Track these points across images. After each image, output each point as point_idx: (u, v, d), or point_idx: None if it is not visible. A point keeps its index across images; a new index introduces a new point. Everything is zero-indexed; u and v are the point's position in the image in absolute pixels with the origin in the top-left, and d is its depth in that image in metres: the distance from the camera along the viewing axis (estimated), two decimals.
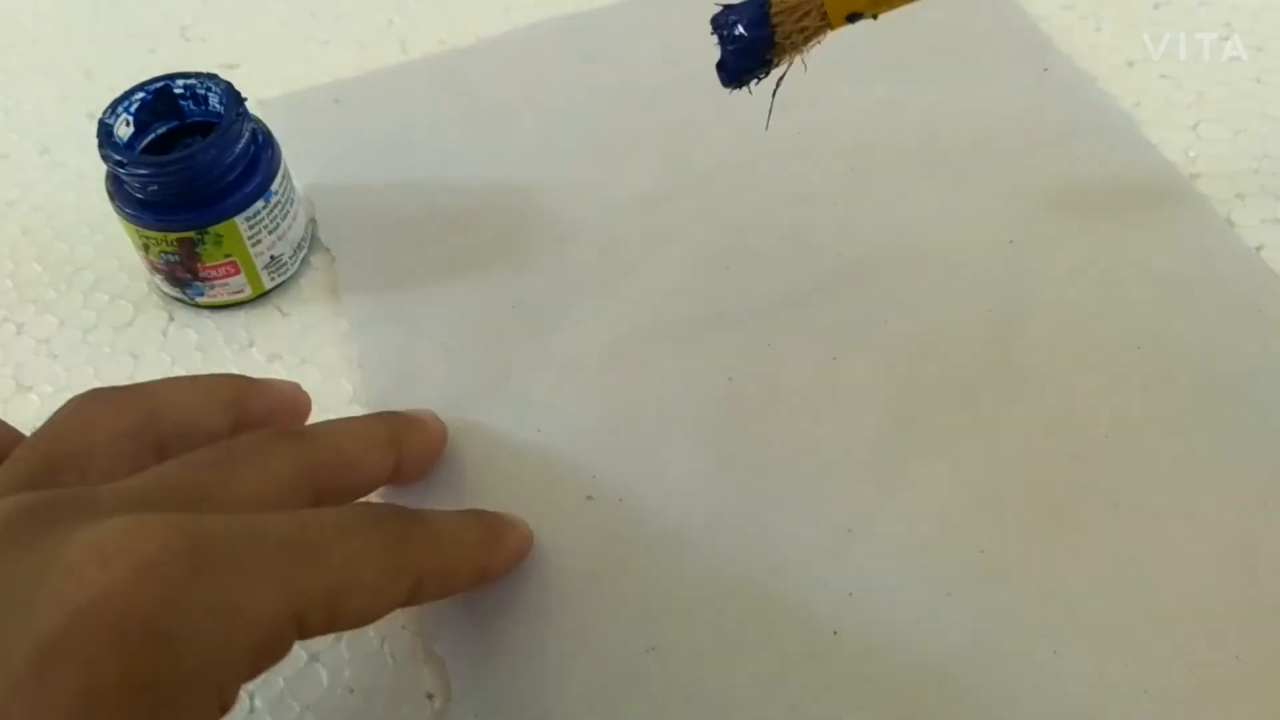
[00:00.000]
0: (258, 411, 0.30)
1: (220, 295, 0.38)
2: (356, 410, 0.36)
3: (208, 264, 0.37)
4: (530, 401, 0.35)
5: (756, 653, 0.30)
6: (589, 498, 0.33)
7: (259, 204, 0.36)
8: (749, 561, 0.32)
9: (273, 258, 0.38)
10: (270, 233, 0.37)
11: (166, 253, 0.36)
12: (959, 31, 0.45)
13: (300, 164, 0.42)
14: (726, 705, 0.29)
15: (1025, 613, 0.30)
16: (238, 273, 0.37)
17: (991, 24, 0.46)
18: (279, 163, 0.37)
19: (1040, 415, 0.34)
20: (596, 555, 0.32)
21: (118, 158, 0.35)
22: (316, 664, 0.30)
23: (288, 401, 0.32)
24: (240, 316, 0.39)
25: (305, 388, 0.36)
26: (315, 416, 0.36)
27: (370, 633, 0.31)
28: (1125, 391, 0.34)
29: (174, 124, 0.38)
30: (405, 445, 0.31)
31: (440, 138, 0.44)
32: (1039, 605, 0.30)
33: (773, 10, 0.29)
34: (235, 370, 0.37)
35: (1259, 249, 0.37)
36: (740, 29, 0.29)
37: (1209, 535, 0.31)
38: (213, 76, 0.37)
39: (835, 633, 0.30)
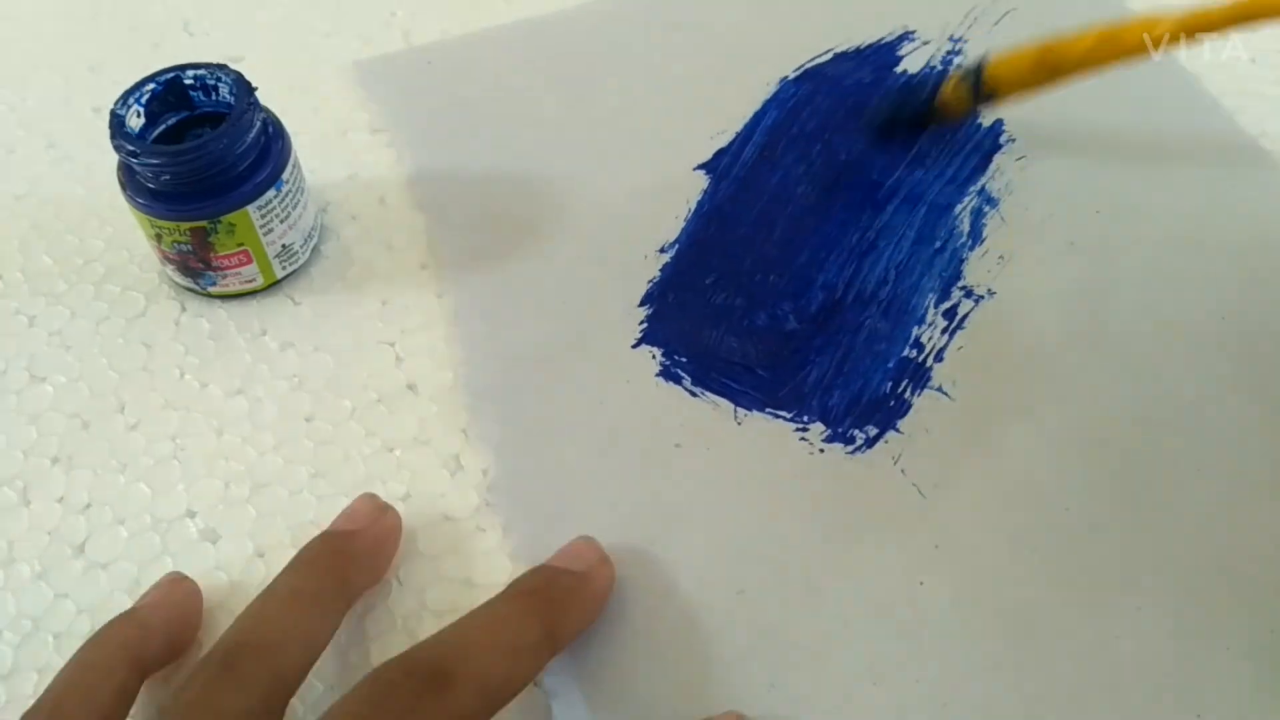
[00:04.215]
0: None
1: (232, 284, 0.38)
2: (371, 396, 0.36)
3: (220, 253, 0.37)
4: (617, 356, 0.37)
5: (842, 598, 0.31)
6: (677, 445, 0.34)
7: (270, 193, 0.37)
8: (836, 511, 0.33)
9: (284, 246, 0.38)
10: (282, 221, 0.38)
11: (179, 242, 0.37)
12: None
13: (395, 124, 0.44)
14: (811, 649, 0.30)
15: (1109, 570, 0.31)
16: (250, 262, 0.38)
17: None
18: (289, 152, 0.38)
19: (1125, 380, 0.35)
20: (685, 499, 0.33)
21: (130, 148, 0.35)
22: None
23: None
24: (252, 305, 0.39)
25: (318, 376, 0.37)
26: (329, 401, 0.36)
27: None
28: (1211, 360, 0.35)
29: (184, 115, 0.38)
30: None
31: (531, 100, 0.45)
32: (1123, 564, 0.31)
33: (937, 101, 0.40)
34: (249, 359, 0.37)
35: None
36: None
37: None
38: (222, 67, 0.37)
39: (921, 582, 0.31)
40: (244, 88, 0.37)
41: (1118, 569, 0.31)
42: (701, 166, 0.42)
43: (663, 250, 0.39)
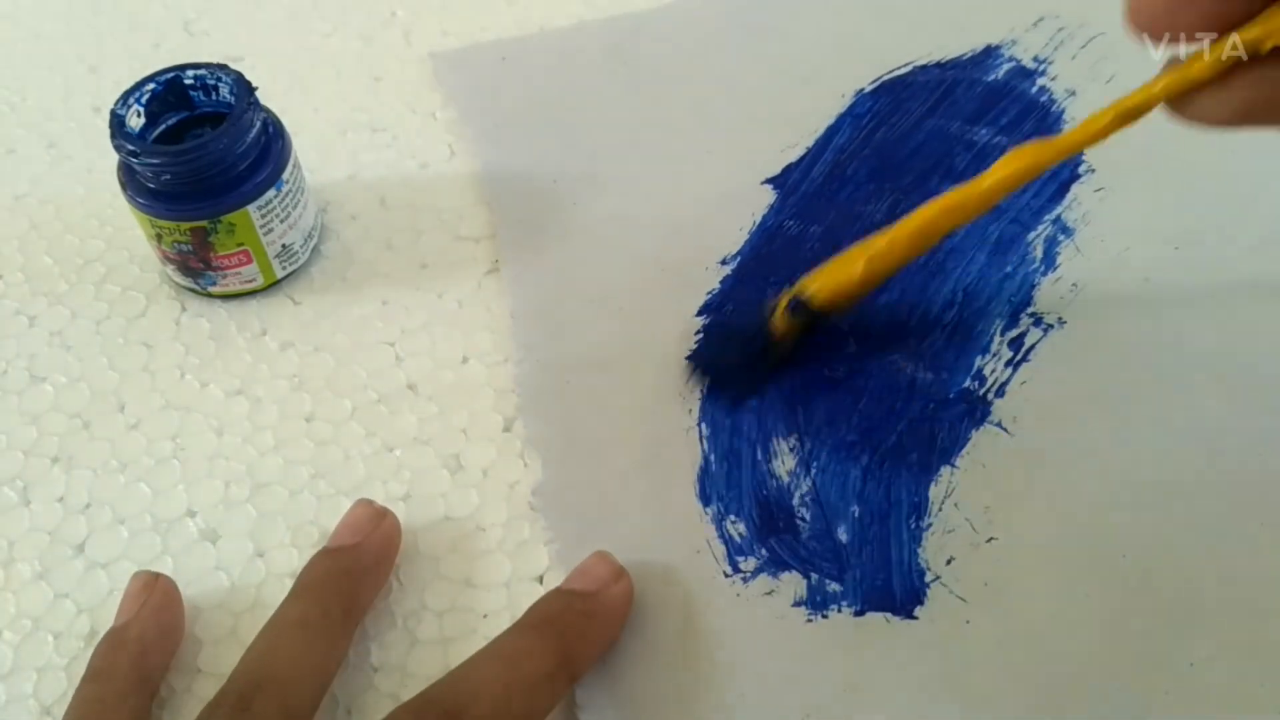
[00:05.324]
0: None
1: (232, 284, 0.38)
2: (371, 396, 0.36)
3: (220, 253, 0.37)
4: (671, 366, 0.36)
5: (887, 631, 0.30)
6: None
7: (270, 193, 0.37)
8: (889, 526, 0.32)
9: (284, 246, 0.38)
10: (282, 221, 0.38)
11: (180, 242, 0.37)
12: None
13: (467, 118, 0.44)
14: (846, 680, 0.29)
15: (1162, 622, 0.30)
16: (250, 262, 0.38)
17: None
18: (289, 152, 0.38)
19: (1193, 424, 0.33)
20: None
21: (131, 148, 0.35)
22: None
23: None
24: (252, 305, 0.39)
25: (318, 375, 0.37)
26: (329, 401, 0.36)
27: None
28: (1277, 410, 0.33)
29: (184, 115, 0.38)
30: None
31: (603, 101, 0.44)
32: (1178, 618, 0.30)
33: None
34: (249, 358, 0.37)
35: None
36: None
37: None
38: (223, 67, 0.37)
39: (967, 621, 0.30)
40: (244, 88, 0.37)
41: (1171, 622, 0.30)
42: (769, 181, 0.41)
43: (724, 262, 0.39)
